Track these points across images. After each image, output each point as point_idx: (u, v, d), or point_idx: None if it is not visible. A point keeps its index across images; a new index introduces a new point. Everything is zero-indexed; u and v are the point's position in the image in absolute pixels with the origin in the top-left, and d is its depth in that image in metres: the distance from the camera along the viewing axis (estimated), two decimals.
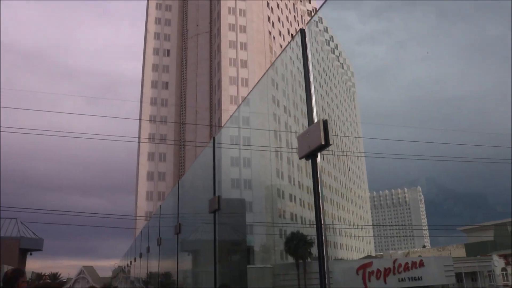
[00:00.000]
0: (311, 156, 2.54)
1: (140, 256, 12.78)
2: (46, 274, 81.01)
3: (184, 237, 6.37)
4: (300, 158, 2.52)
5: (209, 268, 4.97)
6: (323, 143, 2.36)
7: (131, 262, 17.20)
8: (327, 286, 2.54)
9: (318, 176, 2.52)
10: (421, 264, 36.39)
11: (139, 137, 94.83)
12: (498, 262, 36.66)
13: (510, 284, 33.76)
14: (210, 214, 4.35)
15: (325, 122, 2.35)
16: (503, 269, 35.17)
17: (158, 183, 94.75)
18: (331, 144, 2.38)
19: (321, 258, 2.58)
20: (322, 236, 2.47)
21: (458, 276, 34.95)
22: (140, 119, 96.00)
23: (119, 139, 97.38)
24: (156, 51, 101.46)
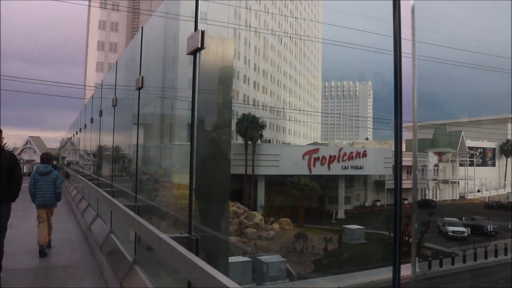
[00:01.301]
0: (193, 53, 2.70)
1: (85, 127, 12.46)
2: None
3: (119, 110, 6.42)
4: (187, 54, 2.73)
5: (132, 141, 5.29)
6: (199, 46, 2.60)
7: (77, 132, 17.12)
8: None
9: (197, 74, 2.69)
10: (365, 154, 60.61)
11: (89, 1, 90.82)
12: (432, 159, 70.41)
13: (438, 178, 65.11)
14: (136, 91, 4.43)
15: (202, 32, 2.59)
16: (435, 165, 68.65)
17: (109, 55, 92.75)
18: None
19: None
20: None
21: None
22: None
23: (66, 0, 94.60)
24: None
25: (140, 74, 4.32)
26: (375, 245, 41.14)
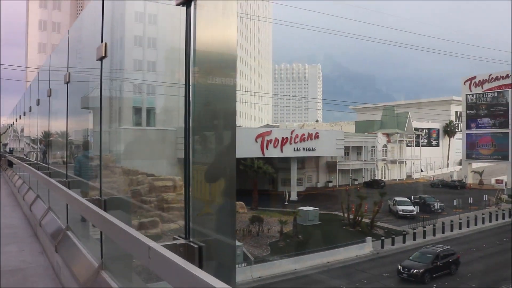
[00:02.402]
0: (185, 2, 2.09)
1: (30, 110, 11.24)
2: None
3: (73, 88, 5.45)
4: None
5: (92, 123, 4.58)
6: None
7: (20, 116, 15.70)
8: None
9: (191, 33, 2.05)
10: (317, 136, 61.65)
11: None
12: (381, 140, 72.58)
13: (387, 158, 67.24)
14: (97, 61, 3.58)
15: None
16: (384, 146, 70.79)
17: (52, 35, 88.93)
18: None
19: None
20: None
21: (346, 149, 63.61)
22: None
23: None
24: None
25: (102, 41, 3.57)
26: (330, 226, 41.68)
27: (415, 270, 29.32)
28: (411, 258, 31.31)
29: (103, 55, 3.51)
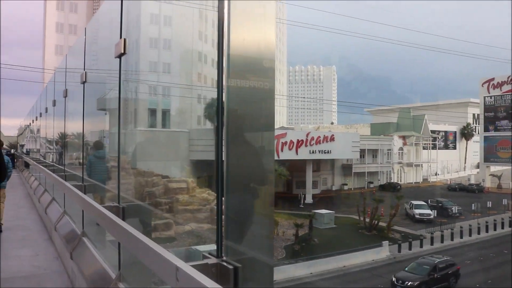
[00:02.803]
0: None
1: (46, 111, 11.00)
2: None
3: (90, 87, 5.19)
4: None
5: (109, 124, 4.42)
6: None
7: (36, 118, 15.51)
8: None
9: (225, 26, 1.85)
10: (332, 138, 61.05)
11: None
12: (397, 142, 71.41)
13: (403, 161, 66.14)
14: (116, 59, 3.34)
15: None
16: (400, 149, 69.70)
17: (69, 37, 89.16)
18: None
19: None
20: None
21: (362, 152, 62.72)
22: None
23: None
24: None
25: (121, 37, 3.32)
26: (345, 229, 41.16)
27: (410, 283, 27.19)
28: (406, 269, 29.20)
29: (122, 51, 3.29)
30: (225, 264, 1.77)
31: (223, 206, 1.85)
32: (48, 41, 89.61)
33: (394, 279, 27.98)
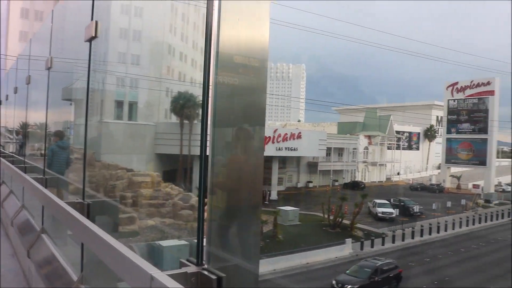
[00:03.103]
0: None
1: (7, 99, 10.47)
2: None
3: (56, 75, 4.88)
4: None
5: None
6: None
7: None
8: None
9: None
10: (299, 136, 61.62)
11: None
12: (363, 141, 72.74)
13: (367, 160, 67.31)
14: (86, 43, 3.10)
15: None
16: (365, 148, 71.04)
17: (34, 23, 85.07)
18: None
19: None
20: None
21: (328, 150, 63.42)
22: None
23: None
24: None
25: (92, 19, 3.07)
26: (310, 227, 41.41)
27: (350, 286, 26.31)
28: (347, 272, 28.45)
29: (93, 35, 3.02)
30: (206, 273, 1.58)
31: (203, 206, 1.66)
32: (12, 27, 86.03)
33: (334, 282, 27.22)
